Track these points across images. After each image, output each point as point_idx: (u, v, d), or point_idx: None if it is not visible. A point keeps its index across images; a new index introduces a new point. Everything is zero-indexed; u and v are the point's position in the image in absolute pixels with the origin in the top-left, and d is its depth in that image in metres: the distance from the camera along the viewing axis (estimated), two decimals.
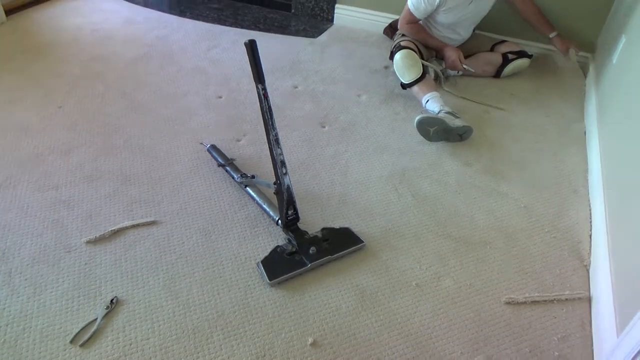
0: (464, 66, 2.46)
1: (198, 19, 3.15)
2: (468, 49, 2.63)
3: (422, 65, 2.33)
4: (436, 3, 2.37)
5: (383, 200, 1.78)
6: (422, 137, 2.10)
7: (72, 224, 1.58)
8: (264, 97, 1.43)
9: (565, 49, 2.58)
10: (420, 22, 2.52)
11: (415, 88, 2.33)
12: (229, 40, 2.86)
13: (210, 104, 2.27)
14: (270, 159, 1.51)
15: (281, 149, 1.50)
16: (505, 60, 2.56)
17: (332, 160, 1.96)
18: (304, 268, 1.46)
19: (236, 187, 1.77)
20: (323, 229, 1.59)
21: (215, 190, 1.76)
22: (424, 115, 2.07)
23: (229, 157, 1.87)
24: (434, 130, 2.06)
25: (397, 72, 2.37)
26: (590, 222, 1.73)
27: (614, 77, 2.15)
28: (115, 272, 1.43)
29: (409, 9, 2.44)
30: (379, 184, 1.86)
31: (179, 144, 1.99)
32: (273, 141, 1.48)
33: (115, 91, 2.33)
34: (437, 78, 2.52)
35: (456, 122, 2.08)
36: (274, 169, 1.51)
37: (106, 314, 1.31)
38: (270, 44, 2.88)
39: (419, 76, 2.31)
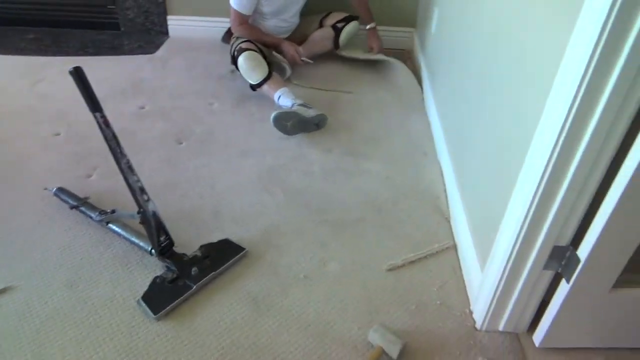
0: (302, 59, 2.54)
1: (13, 53, 2.82)
2: (300, 34, 2.72)
3: (267, 63, 2.36)
4: None
5: (256, 202, 1.78)
6: (281, 133, 2.13)
7: None
8: (104, 125, 1.33)
9: (370, 45, 2.76)
10: (250, 20, 2.54)
11: (264, 87, 2.36)
12: (55, 71, 2.61)
13: (48, 144, 2.05)
14: (128, 189, 1.41)
15: (137, 176, 1.41)
16: (337, 31, 2.68)
17: (197, 175, 1.90)
18: (189, 292, 1.40)
19: (97, 227, 1.63)
20: (201, 247, 1.54)
21: (74, 236, 1.60)
22: (279, 111, 2.11)
23: (81, 196, 1.71)
24: (291, 124, 2.11)
25: (243, 75, 2.37)
26: (443, 178, 1.92)
27: (434, 45, 2.39)
28: None
29: (234, 9, 2.44)
30: (249, 187, 1.85)
31: (20, 195, 1.77)
32: (126, 169, 1.39)
33: None
34: (284, 72, 2.57)
35: (310, 113, 2.16)
36: (134, 198, 1.42)
37: None
38: (105, 67, 2.69)
39: (266, 75, 2.33)
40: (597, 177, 1.01)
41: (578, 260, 1.10)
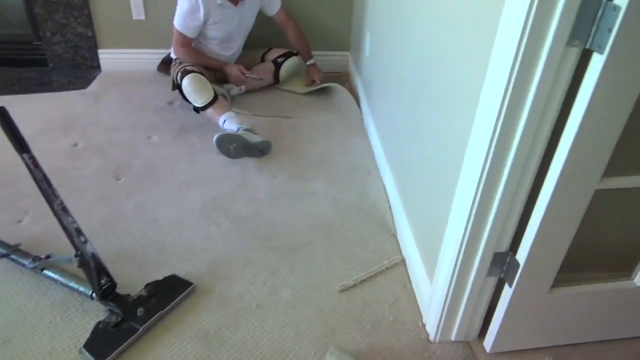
0: (247, 76, 2.54)
1: None
2: (243, 66, 2.72)
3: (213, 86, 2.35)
4: (201, 17, 2.38)
5: (202, 234, 1.73)
6: (225, 160, 2.11)
7: None
8: (33, 166, 1.26)
9: (310, 79, 2.80)
10: (194, 44, 2.52)
11: (209, 111, 2.33)
12: None
13: None
14: (63, 231, 1.34)
15: (72, 217, 1.34)
16: (277, 65, 2.72)
17: (138, 211, 1.84)
18: (136, 334, 1.33)
19: (31, 275, 1.53)
20: (147, 285, 1.48)
21: (4, 287, 1.49)
22: (222, 133, 2.11)
23: (11, 243, 1.60)
24: (234, 146, 2.10)
25: (188, 98, 2.33)
26: (387, 195, 1.96)
27: (369, 67, 2.47)
28: None
29: (177, 30, 2.42)
30: (193, 219, 1.80)
31: None
32: (60, 210, 1.32)
33: None
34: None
35: (255, 138, 2.16)
36: (70, 240, 1.35)
37: None
38: (33, 106, 2.57)
39: (212, 98, 2.31)
40: (527, 186, 1.07)
41: (517, 264, 1.15)
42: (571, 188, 1.01)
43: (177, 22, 2.41)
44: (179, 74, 2.36)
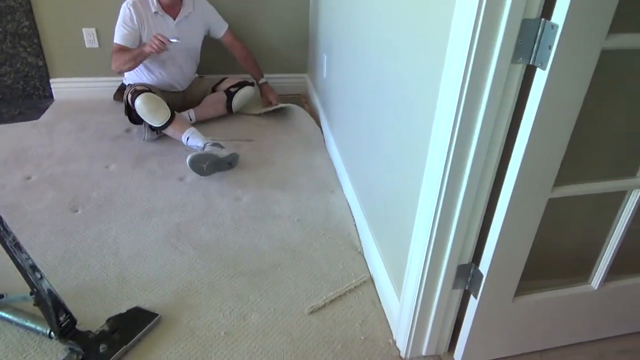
0: (171, 40, 2.25)
1: None
2: (193, 97, 2.72)
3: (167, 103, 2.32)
4: (135, 23, 2.35)
5: (166, 263, 1.69)
6: (187, 186, 2.09)
7: None
8: None
9: (266, 100, 2.81)
10: (137, 72, 2.50)
11: (169, 129, 2.30)
12: None
13: None
14: (17, 269, 1.28)
15: (27, 253, 1.28)
16: (229, 95, 2.69)
17: (98, 243, 1.78)
18: None
19: None
20: (109, 320, 1.43)
21: None
22: (195, 154, 2.11)
23: None
24: (207, 165, 2.11)
25: (144, 119, 2.29)
26: (352, 213, 1.97)
27: (327, 88, 2.51)
28: None
29: (115, 43, 2.37)
30: (156, 248, 1.76)
31: None
32: (12, 247, 1.26)
33: None
34: None
35: (223, 152, 2.18)
36: (25, 278, 1.29)
37: None
38: None
39: (169, 116, 2.28)
40: (485, 197, 1.11)
41: (481, 275, 1.18)
42: (526, 198, 1.05)
43: (115, 37, 2.37)
44: (130, 95, 2.32)
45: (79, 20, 2.77)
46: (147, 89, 2.34)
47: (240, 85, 2.71)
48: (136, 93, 2.28)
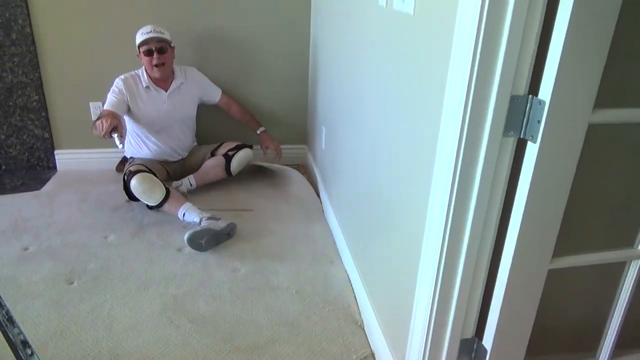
0: (117, 142, 2.19)
1: None
2: (192, 163, 2.77)
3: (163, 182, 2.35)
4: (124, 94, 2.46)
5: (161, 338, 1.64)
6: (185, 257, 2.07)
7: None
8: None
9: (265, 147, 2.88)
10: (130, 128, 2.59)
11: (165, 206, 2.32)
12: None
13: None
14: (8, 344, 1.24)
15: (19, 328, 1.25)
16: (227, 158, 2.72)
17: (92, 316, 1.74)
18: None
19: None
20: None
21: None
22: (192, 231, 2.09)
23: None
24: (205, 240, 2.10)
25: (140, 199, 2.33)
26: (351, 284, 1.94)
27: (326, 159, 2.56)
28: None
29: (103, 109, 2.46)
30: (151, 322, 1.71)
31: None
32: (5, 322, 1.23)
33: None
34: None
35: (220, 224, 2.17)
36: (14, 354, 1.25)
37: None
38: None
39: (165, 194, 2.31)
40: (484, 269, 1.10)
41: (485, 351, 1.14)
42: (525, 269, 1.04)
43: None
44: (126, 176, 2.38)
45: (86, 95, 2.88)
46: (142, 167, 2.39)
47: (238, 148, 2.75)
48: (131, 174, 2.34)
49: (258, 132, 2.91)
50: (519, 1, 0.85)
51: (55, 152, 2.99)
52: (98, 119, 2.28)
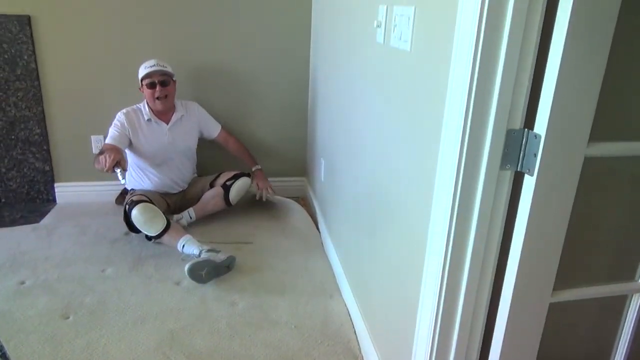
0: (119, 178, 2.25)
1: None
2: (192, 195, 2.78)
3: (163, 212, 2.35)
4: (126, 127, 2.50)
5: None
6: (183, 291, 2.05)
7: None
8: None
9: (257, 184, 2.84)
10: (131, 161, 2.61)
11: (165, 237, 2.31)
12: None
13: None
14: None
15: None
16: (226, 188, 2.72)
17: (87, 352, 1.70)
18: None
19: None
20: None
21: None
22: (192, 262, 2.08)
23: None
24: (205, 272, 2.09)
25: (141, 229, 2.32)
26: (351, 319, 1.91)
27: (325, 191, 2.57)
28: None
29: (105, 143, 2.49)
30: (147, 358, 1.68)
31: None
32: None
33: None
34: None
35: (220, 257, 2.17)
36: None
37: None
38: None
39: (165, 225, 2.30)
40: (485, 302, 1.09)
41: None
42: (526, 303, 1.03)
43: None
44: (127, 206, 2.38)
45: (88, 128, 2.91)
46: (144, 198, 2.40)
47: (236, 177, 2.75)
48: (133, 204, 2.34)
49: (253, 169, 2.89)
50: (513, 38, 0.88)
51: (55, 184, 2.99)
52: (100, 153, 2.30)
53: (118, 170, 2.20)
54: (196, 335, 1.81)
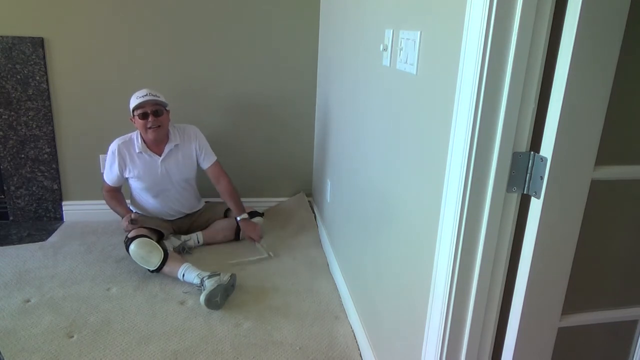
0: (131, 220, 2.40)
1: None
2: (204, 220, 2.77)
3: (161, 245, 2.36)
4: (116, 169, 2.50)
5: None
6: (188, 311, 2.05)
7: None
8: None
9: (248, 236, 2.69)
10: (133, 194, 2.63)
11: (165, 269, 2.31)
12: None
13: None
14: None
15: None
16: (239, 224, 2.69)
17: None
18: None
19: None
20: None
21: None
22: (206, 294, 2.07)
23: None
24: (220, 297, 2.09)
25: (140, 264, 2.32)
26: (356, 340, 1.89)
27: (331, 212, 2.57)
28: None
29: (104, 181, 2.55)
30: None
31: None
32: None
33: None
34: (181, 251, 2.56)
35: (224, 278, 2.17)
36: None
37: None
38: None
39: (162, 257, 2.30)
40: (492, 326, 1.08)
41: None
42: (534, 327, 1.02)
43: (104, 174, 2.58)
44: (124, 244, 2.40)
45: (97, 148, 2.94)
46: (142, 231, 2.39)
47: (251, 215, 2.73)
48: (129, 240, 2.35)
49: (239, 218, 2.66)
50: (517, 63, 0.89)
51: (63, 203, 3.01)
52: (128, 220, 2.43)
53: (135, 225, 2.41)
54: (200, 357, 1.79)
